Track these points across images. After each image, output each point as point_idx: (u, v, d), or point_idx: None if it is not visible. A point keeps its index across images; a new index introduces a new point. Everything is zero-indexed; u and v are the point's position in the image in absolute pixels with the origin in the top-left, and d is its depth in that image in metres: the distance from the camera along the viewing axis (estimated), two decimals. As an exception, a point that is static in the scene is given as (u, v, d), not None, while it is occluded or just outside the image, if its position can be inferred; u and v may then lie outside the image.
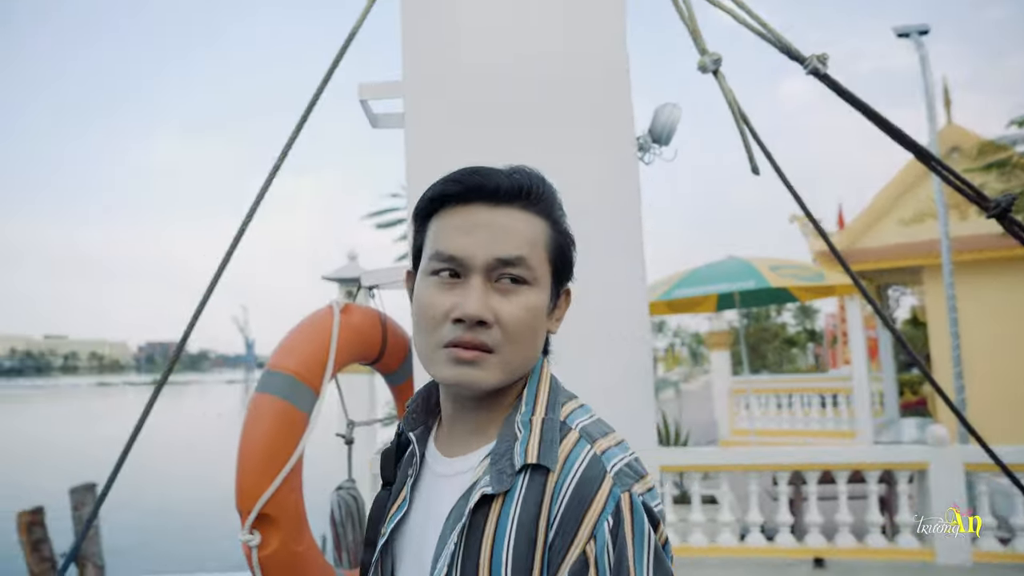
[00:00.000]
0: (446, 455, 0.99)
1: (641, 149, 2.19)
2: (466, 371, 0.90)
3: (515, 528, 0.84)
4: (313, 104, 2.35)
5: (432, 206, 0.95)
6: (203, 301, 2.18)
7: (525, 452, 0.87)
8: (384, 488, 1.06)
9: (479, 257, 0.90)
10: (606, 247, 2.04)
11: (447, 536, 0.88)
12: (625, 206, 2.05)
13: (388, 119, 2.51)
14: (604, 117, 2.07)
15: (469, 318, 0.88)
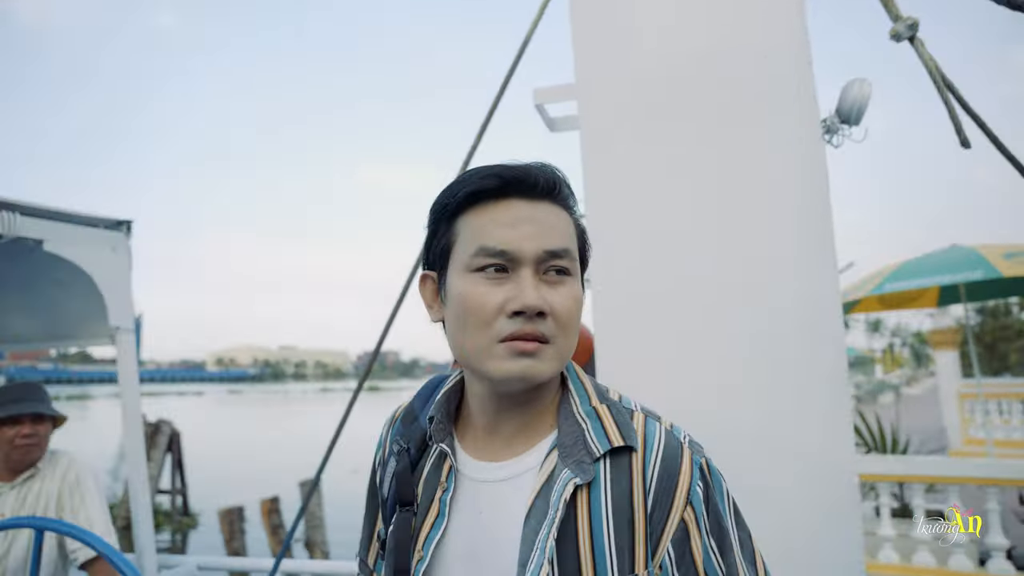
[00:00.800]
0: (488, 460, 0.99)
1: (828, 132, 2.06)
2: (529, 363, 0.90)
3: (611, 512, 0.89)
4: (492, 112, 2.46)
5: (466, 202, 0.94)
6: (393, 312, 2.37)
7: (607, 437, 0.92)
8: (404, 509, 1.00)
9: (528, 250, 0.91)
10: (793, 240, 1.94)
11: (533, 535, 0.88)
12: (812, 195, 1.93)
13: (565, 122, 2.56)
14: (785, 105, 1.98)
15: (530, 309, 0.89)
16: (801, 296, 1.91)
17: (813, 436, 1.88)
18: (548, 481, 0.91)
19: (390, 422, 1.14)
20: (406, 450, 1.04)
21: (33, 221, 2.87)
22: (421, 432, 1.05)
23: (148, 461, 13.71)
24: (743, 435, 1.93)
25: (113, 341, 3.13)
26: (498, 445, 0.99)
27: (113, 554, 2.24)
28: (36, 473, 2.74)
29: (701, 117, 2.06)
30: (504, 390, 0.95)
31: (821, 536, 1.86)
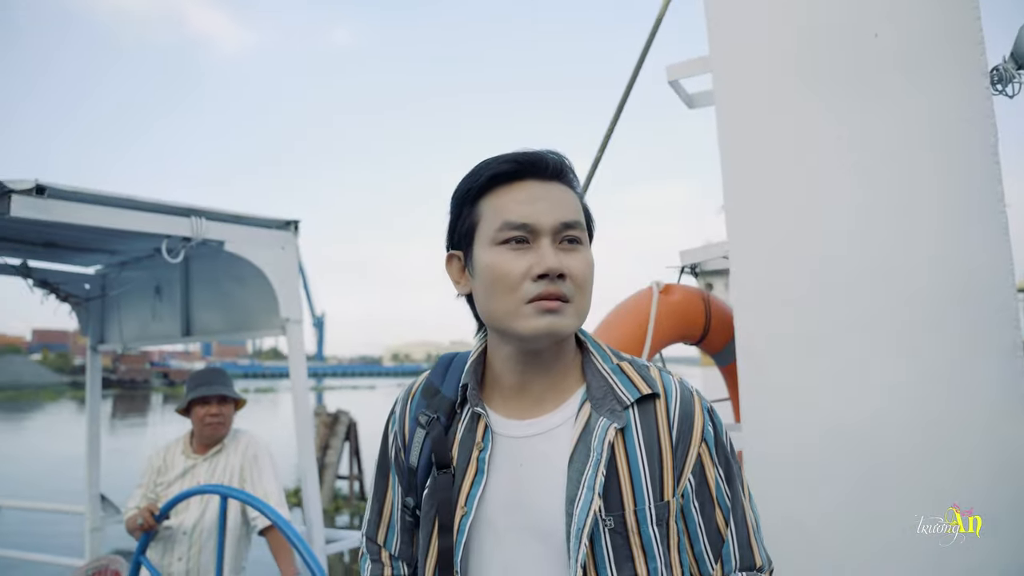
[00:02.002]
0: (520, 419, 1.09)
1: (998, 81, 1.83)
2: (553, 319, 1.02)
3: (643, 450, 1.04)
4: (628, 93, 2.42)
5: (488, 185, 1.07)
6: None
7: (635, 387, 1.07)
8: (442, 472, 1.09)
9: (546, 222, 1.03)
10: (954, 206, 1.76)
11: (578, 475, 1.01)
12: (977, 155, 1.74)
13: (704, 98, 2.47)
14: (944, 58, 1.79)
15: (552, 271, 1.01)
16: (965, 266, 1.72)
17: (981, 414, 1.69)
18: (585, 429, 1.04)
19: (405, 399, 1.22)
20: (437, 419, 1.12)
21: (215, 224, 3.19)
22: (449, 402, 1.14)
23: (328, 449, 14.80)
24: (900, 416, 1.77)
25: (284, 332, 3.41)
26: (528, 404, 1.10)
27: (282, 523, 2.44)
28: (223, 449, 3.05)
29: (845, 80, 1.91)
30: (532, 347, 1.07)
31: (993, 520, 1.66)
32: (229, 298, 3.86)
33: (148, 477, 3.06)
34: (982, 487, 1.70)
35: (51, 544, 6.12)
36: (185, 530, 2.89)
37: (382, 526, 1.25)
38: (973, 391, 1.71)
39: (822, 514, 1.85)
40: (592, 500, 0.99)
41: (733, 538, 1.09)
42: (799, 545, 1.87)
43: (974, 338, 1.71)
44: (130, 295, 4.34)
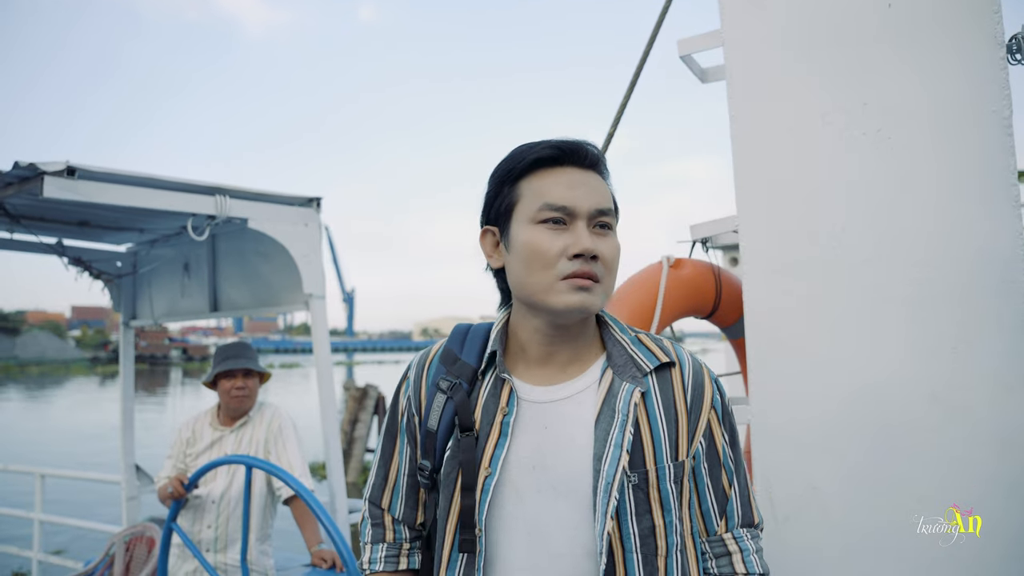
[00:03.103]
0: (545, 385, 1.16)
1: (1016, 51, 1.79)
2: (585, 296, 1.09)
3: (662, 413, 1.13)
4: (642, 65, 2.42)
5: (530, 168, 1.14)
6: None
7: (654, 355, 1.17)
8: (465, 434, 1.14)
9: (583, 207, 1.11)
10: (966, 180, 1.74)
11: (604, 435, 1.09)
12: (990, 125, 1.71)
13: (718, 72, 2.46)
14: (958, 26, 1.76)
15: (587, 252, 1.08)
16: (975, 239, 1.71)
17: (988, 386, 1.69)
18: (609, 393, 1.12)
19: (421, 366, 1.27)
20: (459, 384, 1.18)
21: (239, 202, 3.26)
22: (471, 368, 1.19)
23: (357, 423, 15.04)
24: (905, 392, 1.78)
25: (307, 307, 3.49)
26: (552, 372, 1.18)
27: (305, 492, 2.53)
28: (248, 421, 3.14)
29: (858, 51, 1.89)
30: (562, 321, 1.14)
31: (995, 505, 1.67)
32: (255, 274, 3.94)
33: (177, 448, 3.17)
34: (989, 457, 1.70)
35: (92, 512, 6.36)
36: (214, 499, 3.00)
37: (387, 490, 1.29)
38: (981, 363, 1.71)
39: (832, 486, 1.87)
40: (620, 456, 1.07)
41: (736, 497, 1.20)
42: (811, 515, 1.89)
43: (983, 311, 1.70)
44: (160, 272, 4.46)
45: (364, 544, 1.30)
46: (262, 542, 3.05)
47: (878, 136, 1.86)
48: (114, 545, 3.41)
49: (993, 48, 1.73)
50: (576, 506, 1.09)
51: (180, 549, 3.02)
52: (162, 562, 2.74)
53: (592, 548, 1.08)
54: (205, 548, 2.97)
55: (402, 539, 1.28)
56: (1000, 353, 1.68)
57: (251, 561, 2.90)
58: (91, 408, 31.32)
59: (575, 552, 1.09)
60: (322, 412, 3.38)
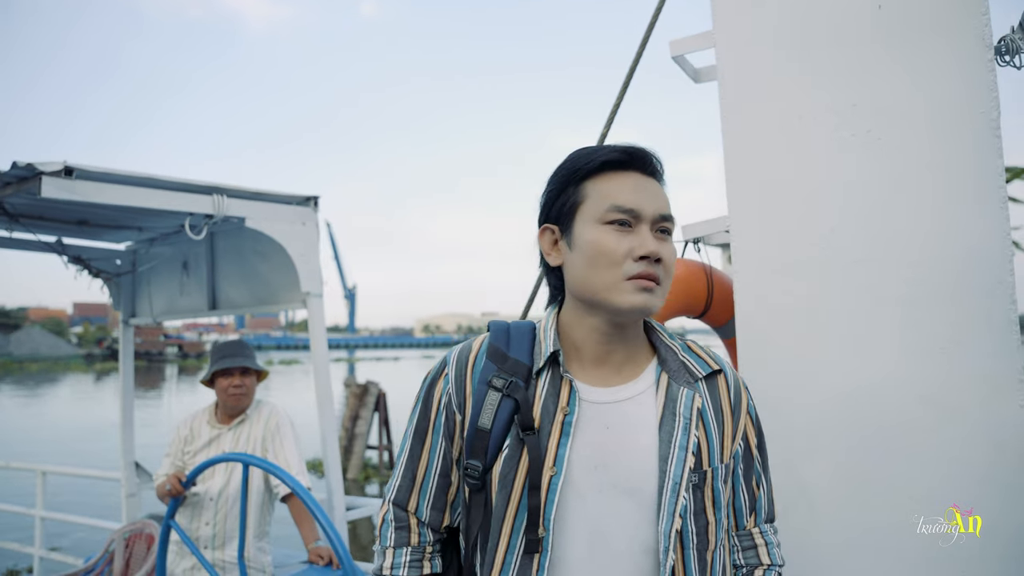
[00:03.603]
0: (603, 386, 1.19)
1: (1005, 52, 1.80)
2: (648, 297, 1.13)
3: (714, 418, 1.20)
4: (635, 65, 2.43)
5: (598, 170, 1.18)
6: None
7: (706, 363, 1.24)
8: (527, 433, 1.13)
9: (649, 211, 1.15)
10: (954, 182, 1.75)
11: (668, 436, 1.14)
12: (978, 127, 1.72)
13: (710, 72, 2.47)
14: (947, 28, 1.77)
15: (653, 255, 1.13)
16: (964, 240, 1.72)
17: (975, 394, 1.70)
18: (667, 397, 1.18)
19: (464, 361, 1.24)
20: (515, 382, 1.17)
21: (236, 201, 3.27)
22: (526, 367, 1.19)
23: (358, 419, 15.07)
24: (895, 393, 1.79)
25: (305, 305, 3.51)
26: (607, 373, 1.20)
27: (301, 490, 2.55)
28: (246, 419, 3.17)
29: (848, 52, 1.90)
30: (622, 320, 1.17)
31: (987, 505, 1.69)
32: (253, 273, 3.96)
33: (176, 446, 3.19)
34: (980, 457, 1.72)
35: (92, 509, 6.38)
36: (211, 496, 3.02)
37: (414, 492, 1.25)
38: (970, 364, 1.72)
39: (821, 486, 1.89)
40: (685, 458, 1.13)
41: (764, 495, 1.29)
42: (800, 515, 1.91)
43: (971, 311, 1.71)
44: (159, 270, 4.48)
45: (384, 548, 1.25)
46: (260, 539, 3.08)
47: (868, 137, 1.87)
48: (114, 542, 3.44)
49: (982, 50, 1.74)
50: (639, 505, 1.12)
51: (178, 546, 3.04)
52: (160, 559, 2.76)
53: (650, 546, 1.12)
54: (203, 545, 2.99)
55: (426, 542, 1.25)
56: (990, 353, 1.69)
57: (249, 558, 2.93)
58: (84, 406, 31.38)
59: (634, 550, 1.11)
60: (319, 409, 3.41)
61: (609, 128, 2.45)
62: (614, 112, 2.46)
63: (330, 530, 2.43)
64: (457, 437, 1.21)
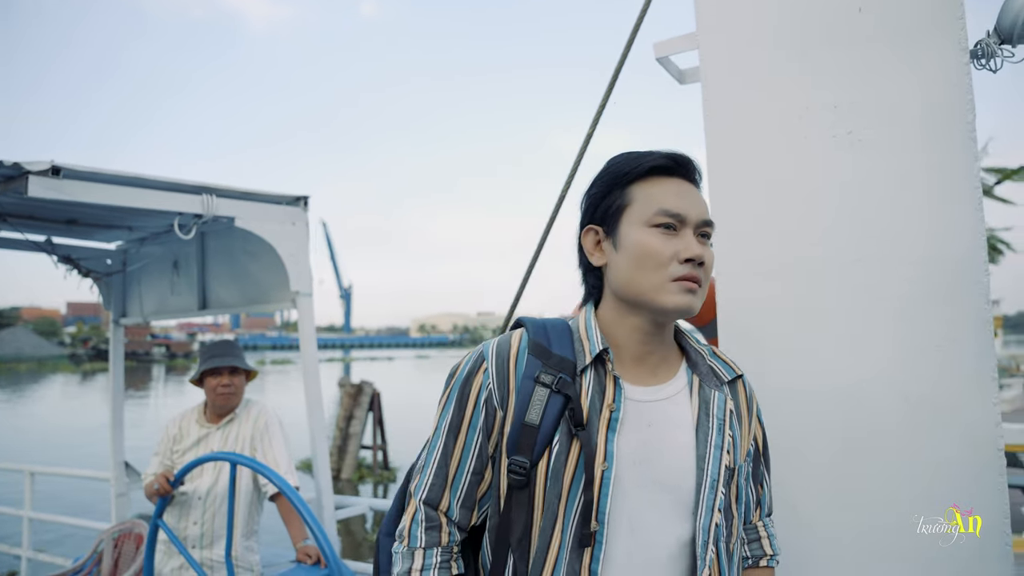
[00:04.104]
0: (642, 385, 1.23)
1: (981, 56, 1.82)
2: (692, 298, 1.17)
3: (737, 419, 1.28)
4: (620, 66, 2.43)
5: (645, 174, 1.22)
6: (528, 270, 2.44)
7: (731, 368, 1.30)
8: (579, 429, 1.15)
9: (694, 216, 1.20)
10: (930, 183, 1.77)
11: (705, 436, 1.21)
12: (954, 129, 1.74)
13: (695, 74, 2.48)
14: (925, 32, 1.79)
15: (698, 258, 1.17)
16: (941, 241, 1.74)
17: (949, 398, 1.72)
18: (701, 398, 1.24)
19: (505, 356, 1.23)
20: (564, 379, 1.18)
21: (226, 201, 3.28)
22: (571, 363, 1.20)
23: (352, 419, 15.07)
24: (871, 395, 1.81)
25: (295, 304, 3.51)
26: (645, 373, 1.24)
27: (288, 489, 2.56)
28: (235, 418, 3.17)
29: (829, 55, 1.92)
30: (664, 320, 1.22)
31: (965, 502, 1.70)
32: (243, 272, 3.96)
33: (164, 445, 3.19)
34: (960, 456, 1.73)
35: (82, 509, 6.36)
36: (200, 495, 3.03)
37: (447, 490, 1.22)
38: (951, 364, 1.74)
39: (801, 486, 1.90)
40: (721, 457, 1.20)
41: (768, 491, 1.39)
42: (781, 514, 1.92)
43: (950, 313, 1.73)
44: (150, 270, 4.48)
45: (414, 549, 1.20)
46: (248, 538, 3.08)
47: (849, 139, 1.89)
48: (102, 542, 3.44)
49: (958, 53, 1.75)
50: (676, 501, 1.17)
51: (167, 545, 3.05)
52: (148, 559, 2.77)
53: (686, 539, 1.17)
54: (191, 544, 3.00)
55: (454, 542, 1.23)
56: (968, 354, 1.71)
57: (236, 557, 2.94)
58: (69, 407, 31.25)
59: (670, 543, 1.16)
60: (308, 408, 3.41)
61: (595, 128, 2.46)
62: (599, 113, 2.48)
63: (316, 529, 2.44)
64: (495, 433, 1.20)
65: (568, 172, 2.49)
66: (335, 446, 15.34)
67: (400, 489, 1.43)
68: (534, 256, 2.52)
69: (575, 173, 2.51)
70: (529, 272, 2.57)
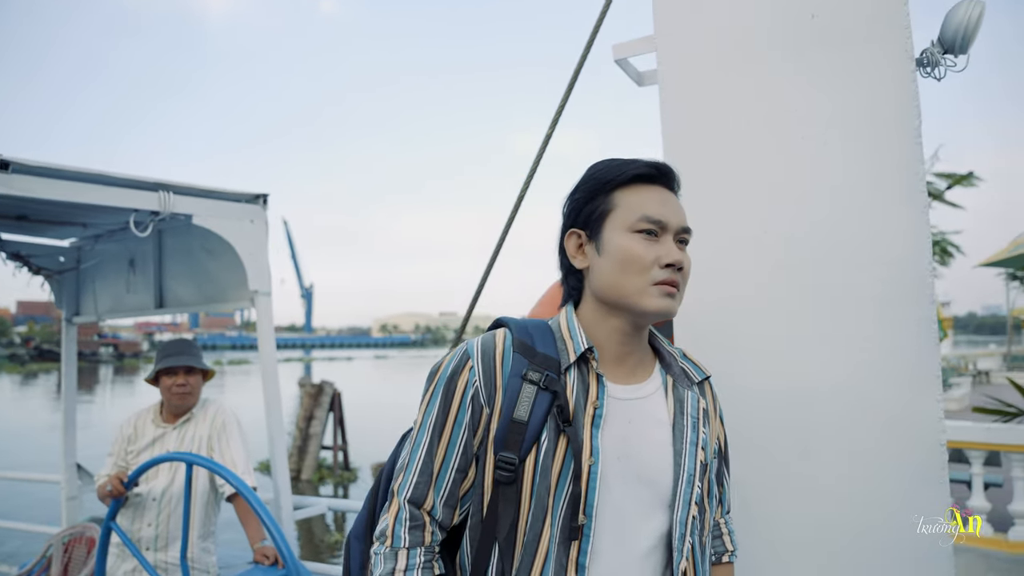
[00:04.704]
0: (622, 384, 1.28)
1: (927, 64, 1.89)
2: (671, 302, 1.23)
3: (706, 418, 1.33)
4: (580, 67, 2.46)
5: (629, 181, 1.27)
6: (487, 271, 2.45)
7: (700, 370, 1.36)
8: (567, 425, 1.19)
9: (674, 223, 1.26)
10: (874, 187, 1.82)
11: (681, 434, 1.27)
12: (902, 135, 1.80)
13: (654, 76, 2.52)
14: (875, 40, 1.85)
15: (678, 263, 1.22)
16: (888, 243, 1.80)
17: (896, 397, 1.78)
18: (675, 398, 1.30)
19: (491, 354, 1.25)
20: (551, 376, 1.22)
21: (184, 198, 3.22)
22: (556, 362, 1.24)
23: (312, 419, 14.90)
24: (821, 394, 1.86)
25: (253, 303, 3.47)
26: (624, 373, 1.29)
27: (245, 489, 2.53)
28: (191, 418, 3.12)
29: (784, 60, 1.97)
30: (644, 322, 1.28)
31: (904, 503, 1.76)
32: (201, 271, 3.90)
33: (119, 446, 3.13)
34: (900, 454, 1.79)
35: (33, 513, 6.19)
36: (155, 496, 2.97)
37: (431, 488, 1.23)
38: (895, 364, 1.80)
39: (755, 484, 1.95)
40: (696, 453, 1.26)
41: (728, 489, 1.46)
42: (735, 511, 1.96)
43: (896, 313, 1.79)
44: (105, 268, 4.38)
45: (397, 549, 1.20)
46: (204, 539, 3.04)
47: (803, 142, 1.94)
48: (52, 546, 3.36)
49: (905, 61, 1.81)
50: (655, 494, 1.22)
51: (120, 548, 2.99)
52: (99, 562, 2.71)
53: (663, 531, 1.22)
54: (145, 547, 2.95)
55: (436, 541, 1.24)
56: (912, 354, 1.77)
57: (192, 559, 2.89)
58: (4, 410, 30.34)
59: (650, 535, 1.22)
60: (267, 408, 3.37)
61: (554, 129, 2.49)
62: (558, 113, 2.50)
63: (274, 529, 2.42)
64: (481, 430, 1.23)
65: (528, 171, 2.51)
66: (295, 447, 15.16)
67: (371, 491, 1.45)
68: (492, 256, 2.53)
69: (534, 172, 2.53)
70: (488, 272, 2.57)
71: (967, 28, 1.84)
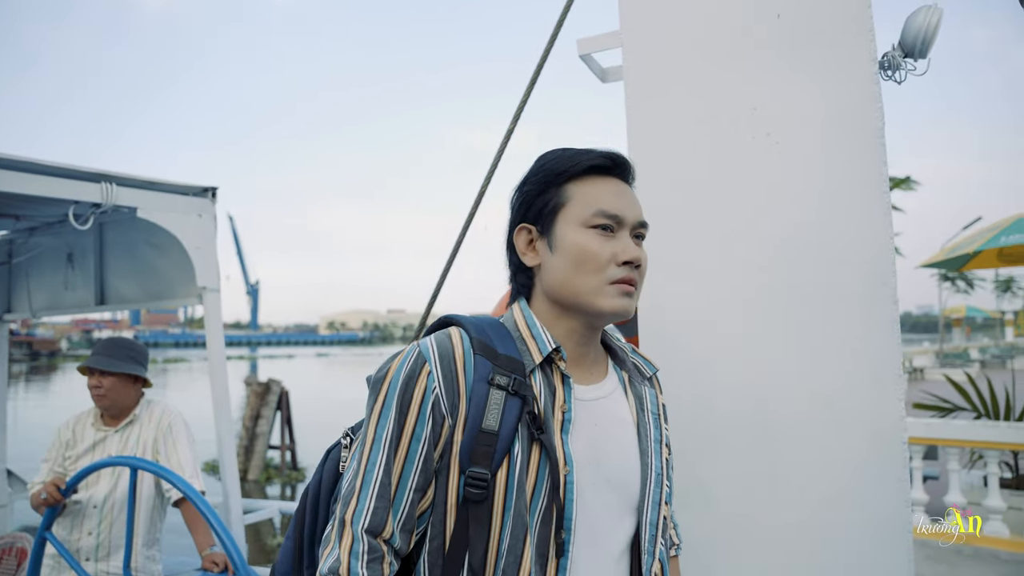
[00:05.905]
0: (583, 384, 1.20)
1: (888, 67, 1.91)
2: (628, 301, 1.15)
3: (660, 414, 1.29)
4: (542, 64, 2.42)
5: (583, 173, 1.18)
6: (446, 268, 2.40)
7: (651, 365, 1.31)
8: (541, 434, 1.08)
9: (631, 218, 1.17)
10: (841, 187, 1.84)
11: (645, 432, 1.22)
12: (865, 136, 1.82)
13: (617, 72, 2.50)
14: (838, 42, 1.86)
15: (635, 260, 1.14)
16: (851, 244, 1.82)
17: (862, 395, 1.80)
18: (634, 395, 1.25)
19: (450, 357, 1.11)
20: (519, 380, 1.11)
21: (128, 190, 3.08)
22: (520, 364, 1.13)
23: (259, 419, 14.58)
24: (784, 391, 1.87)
25: (201, 300, 3.34)
26: (582, 372, 1.22)
27: (193, 494, 2.42)
28: (134, 420, 2.98)
29: (749, 59, 1.97)
30: (601, 323, 1.20)
31: (865, 498, 1.78)
32: (146, 266, 3.75)
33: (56, 451, 2.97)
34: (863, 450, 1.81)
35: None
36: (96, 504, 2.83)
37: (390, 514, 1.07)
38: (856, 361, 1.82)
39: (717, 481, 1.95)
40: (660, 451, 1.23)
41: (673, 485, 1.41)
42: (696, 508, 1.96)
43: (859, 312, 1.81)
44: (40, 262, 4.17)
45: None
46: (149, 547, 2.91)
47: (767, 140, 1.94)
48: (-19, 556, 3.17)
49: (867, 64, 1.83)
50: (623, 497, 1.17)
51: (56, 560, 2.83)
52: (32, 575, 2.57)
53: (631, 535, 1.18)
54: (84, 557, 2.80)
55: (392, 572, 1.08)
56: (874, 351, 1.79)
57: (137, 568, 2.77)
58: None
59: (620, 540, 1.17)
60: (215, 408, 3.25)
61: (515, 125, 2.45)
62: (520, 110, 2.46)
63: (224, 535, 2.32)
64: (442, 443, 1.09)
65: (487, 169, 2.47)
66: (241, 446, 14.81)
67: (295, 519, 1.30)
68: (452, 253, 2.48)
69: (494, 170, 2.48)
70: (447, 269, 2.52)
71: (926, 33, 1.86)
